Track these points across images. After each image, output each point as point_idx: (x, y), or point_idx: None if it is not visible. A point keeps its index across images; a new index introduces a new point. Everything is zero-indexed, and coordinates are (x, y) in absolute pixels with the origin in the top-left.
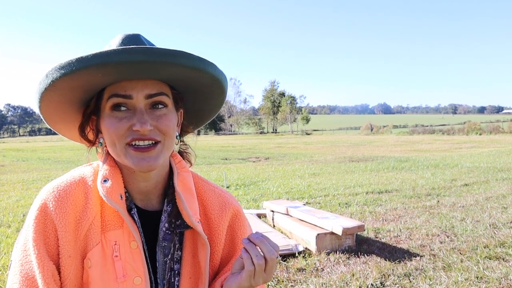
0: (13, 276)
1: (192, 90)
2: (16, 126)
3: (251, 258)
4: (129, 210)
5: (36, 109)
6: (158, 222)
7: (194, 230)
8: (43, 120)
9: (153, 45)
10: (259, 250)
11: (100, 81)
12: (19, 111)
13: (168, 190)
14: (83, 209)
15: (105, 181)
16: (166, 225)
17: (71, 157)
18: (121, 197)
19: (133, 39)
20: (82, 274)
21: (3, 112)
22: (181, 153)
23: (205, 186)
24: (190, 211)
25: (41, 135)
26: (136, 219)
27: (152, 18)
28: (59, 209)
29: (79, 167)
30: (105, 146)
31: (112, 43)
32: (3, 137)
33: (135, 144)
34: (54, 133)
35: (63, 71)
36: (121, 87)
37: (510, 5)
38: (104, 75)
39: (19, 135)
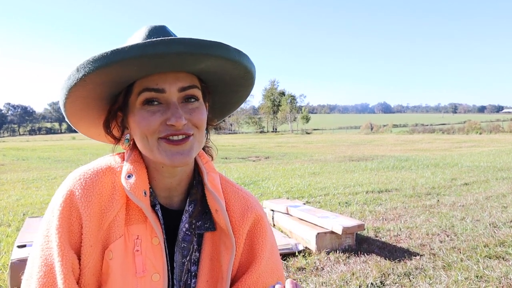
0: (33, 259)
1: (222, 83)
2: (16, 125)
3: None
4: (153, 206)
5: (61, 105)
6: (178, 222)
7: (215, 232)
8: (65, 116)
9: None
10: None
11: (132, 74)
12: (19, 110)
13: (192, 189)
14: (110, 199)
15: (129, 176)
16: (187, 225)
17: (71, 156)
18: (145, 193)
19: (159, 31)
20: (101, 264)
21: (3, 111)
22: (203, 147)
23: (228, 188)
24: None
25: (41, 134)
26: (159, 215)
27: (152, 18)
28: (85, 197)
29: (104, 156)
30: (131, 141)
31: (138, 35)
32: (3, 136)
33: (169, 138)
34: (54, 133)
35: (96, 64)
36: (152, 80)
37: (510, 5)
38: (139, 68)
39: (19, 134)
